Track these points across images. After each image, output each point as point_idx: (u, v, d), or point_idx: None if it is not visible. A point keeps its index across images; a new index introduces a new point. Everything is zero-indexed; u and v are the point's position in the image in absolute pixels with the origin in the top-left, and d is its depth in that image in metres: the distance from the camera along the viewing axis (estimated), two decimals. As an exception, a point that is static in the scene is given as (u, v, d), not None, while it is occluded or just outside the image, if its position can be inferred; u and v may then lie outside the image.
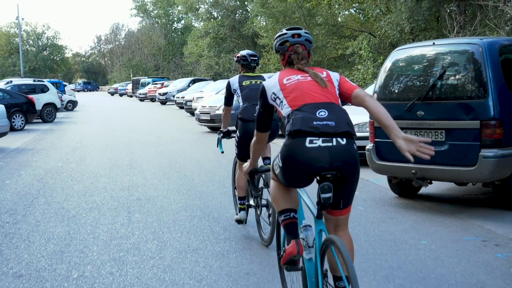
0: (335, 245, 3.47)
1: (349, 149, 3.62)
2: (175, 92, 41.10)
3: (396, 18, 28.69)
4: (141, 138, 18.51)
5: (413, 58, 8.27)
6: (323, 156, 3.55)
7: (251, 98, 6.73)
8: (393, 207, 8.12)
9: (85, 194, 9.38)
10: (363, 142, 11.35)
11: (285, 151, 3.69)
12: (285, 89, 3.87)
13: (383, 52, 32.20)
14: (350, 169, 3.63)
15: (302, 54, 4.04)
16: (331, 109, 3.70)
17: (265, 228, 6.49)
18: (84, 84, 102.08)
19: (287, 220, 3.89)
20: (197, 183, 10.24)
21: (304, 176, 3.66)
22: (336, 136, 3.59)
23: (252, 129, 6.25)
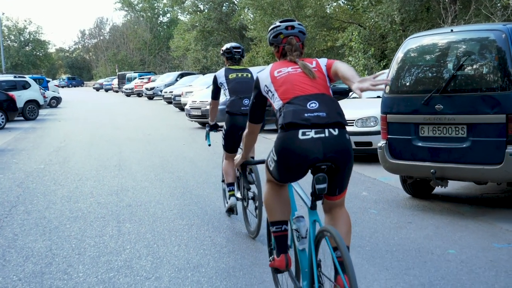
0: (330, 234, 3.45)
1: (342, 139, 3.63)
2: (162, 86, 40.27)
3: (387, 9, 28.12)
4: (129, 136, 17.71)
5: (429, 47, 7.55)
6: (317, 147, 3.57)
7: (238, 91, 6.84)
8: (409, 209, 7.42)
9: (69, 200, 8.60)
10: (367, 137, 10.75)
11: (279, 144, 3.70)
12: (276, 82, 3.89)
13: (373, 44, 31.68)
14: (344, 159, 3.64)
15: (295, 45, 4.04)
16: (322, 100, 3.70)
17: (252, 220, 6.50)
18: (69, 79, 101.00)
19: (278, 232, 3.98)
20: (192, 185, 9.48)
21: (299, 168, 3.67)
22: (328, 127, 3.61)
23: (239, 122, 6.66)
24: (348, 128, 10.89)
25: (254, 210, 6.34)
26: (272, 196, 4.00)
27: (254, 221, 6.35)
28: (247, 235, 6.46)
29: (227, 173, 6.86)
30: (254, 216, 6.35)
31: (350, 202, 7.82)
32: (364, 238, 6.20)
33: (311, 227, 3.75)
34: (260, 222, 6.14)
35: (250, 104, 4.18)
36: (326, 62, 3.93)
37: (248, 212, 6.61)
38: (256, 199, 6.26)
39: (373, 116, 10.86)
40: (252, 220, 6.49)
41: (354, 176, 9.63)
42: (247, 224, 6.57)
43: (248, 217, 6.60)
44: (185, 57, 61.16)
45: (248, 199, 6.55)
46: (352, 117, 11.06)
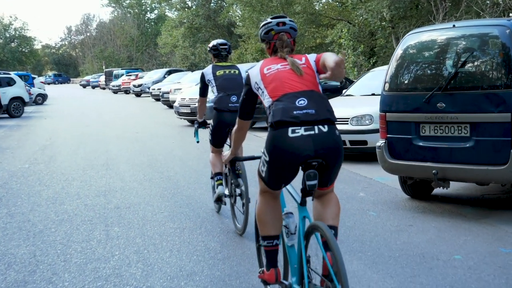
0: (320, 230, 3.46)
1: (332, 136, 3.63)
2: (150, 83, 39.85)
3: (376, 5, 27.90)
4: (116, 134, 17.36)
5: (429, 43, 7.27)
6: (307, 144, 3.57)
7: (225, 88, 6.86)
8: (409, 211, 7.14)
9: (55, 202, 8.26)
10: (362, 136, 10.48)
11: (269, 143, 3.69)
12: (265, 79, 3.88)
13: (362, 41, 31.49)
14: (334, 155, 3.66)
15: (286, 42, 4.02)
16: (311, 97, 3.69)
17: (239, 217, 6.47)
18: (55, 76, 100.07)
19: (270, 247, 3.97)
20: (182, 185, 9.17)
21: (291, 166, 3.66)
22: (318, 124, 3.61)
23: (226, 118, 6.70)
24: (343, 126, 10.73)
25: (242, 206, 6.34)
26: (265, 210, 3.97)
27: (242, 217, 6.31)
28: (243, 239, 6.16)
29: (214, 164, 6.96)
30: (241, 212, 6.34)
31: (347, 204, 7.56)
32: (365, 242, 5.92)
33: (300, 223, 3.78)
34: (247, 219, 6.14)
35: (241, 100, 4.16)
36: (315, 57, 3.92)
37: (235, 209, 6.59)
38: (243, 195, 6.26)
39: (368, 114, 10.59)
40: (240, 217, 6.45)
41: (350, 176, 9.38)
42: (234, 220, 6.57)
43: (235, 214, 6.59)
44: (173, 54, 60.81)
45: (235, 196, 6.54)
46: (347, 115, 10.78)
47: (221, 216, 7.16)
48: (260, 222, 4.01)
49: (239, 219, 6.46)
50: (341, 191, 8.30)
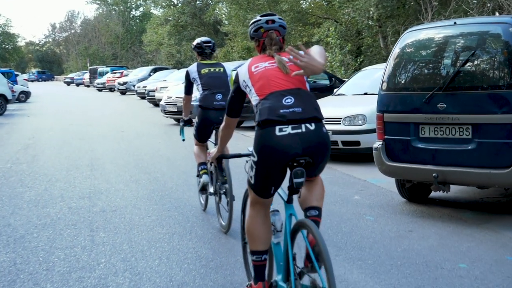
0: (307, 228, 3.50)
1: (319, 134, 3.64)
2: (135, 81, 39.36)
3: (364, 4, 27.69)
4: (101, 133, 16.98)
5: (429, 40, 7.00)
6: (295, 142, 3.56)
7: (210, 86, 6.85)
8: (407, 216, 6.88)
9: (37, 204, 7.91)
10: (355, 136, 10.22)
11: (257, 143, 3.67)
12: (253, 77, 3.86)
13: (349, 40, 31.30)
14: (322, 153, 3.68)
15: (275, 39, 4.00)
16: (297, 95, 3.68)
17: (224, 215, 6.45)
18: (39, 73, 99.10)
19: (258, 262, 3.93)
20: (170, 187, 8.85)
21: (279, 165, 3.64)
22: (305, 122, 3.60)
23: (211, 116, 6.73)
24: (335, 126, 10.45)
25: (226, 204, 6.30)
26: (255, 225, 3.92)
27: (226, 215, 6.29)
28: (235, 246, 5.85)
29: (198, 155, 7.01)
30: (226, 210, 6.31)
31: (342, 207, 7.29)
32: (364, 249, 5.64)
33: (287, 220, 3.78)
34: (231, 217, 6.15)
35: (229, 98, 4.14)
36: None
37: (220, 207, 6.59)
38: (228, 193, 6.24)
39: (361, 114, 10.31)
40: (224, 214, 6.42)
41: (343, 178, 9.12)
42: (219, 218, 6.56)
43: (220, 211, 6.59)
44: (158, 51, 60.42)
45: (220, 194, 6.55)
46: (339, 115, 10.51)
47: (211, 220, 6.86)
48: (249, 237, 3.95)
49: (224, 217, 6.44)
50: (335, 194, 8.04)
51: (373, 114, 10.09)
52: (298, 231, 3.65)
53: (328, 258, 3.26)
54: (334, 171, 9.90)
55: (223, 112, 6.33)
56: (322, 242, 3.33)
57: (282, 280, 3.82)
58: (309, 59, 3.46)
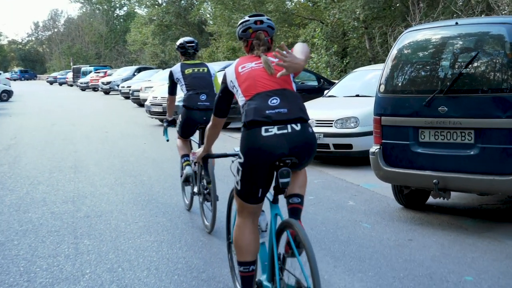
0: (292, 228, 3.53)
1: (305, 134, 3.66)
2: (119, 81, 38.90)
3: (351, 5, 27.52)
4: (85, 133, 16.60)
5: (430, 41, 6.74)
6: (281, 143, 3.59)
7: (195, 86, 6.86)
8: (405, 223, 6.61)
9: (19, 209, 7.57)
10: (347, 139, 9.96)
11: (244, 144, 3.68)
12: (240, 77, 3.87)
13: (335, 41, 31.12)
14: (308, 153, 3.71)
15: (264, 40, 3.99)
16: (283, 96, 3.70)
17: (208, 215, 6.45)
18: (21, 72, 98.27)
19: (246, 273, 3.90)
20: (157, 191, 8.53)
21: (265, 166, 3.64)
22: (291, 123, 3.63)
23: (194, 116, 6.77)
24: (327, 129, 10.18)
25: (210, 204, 6.31)
26: (243, 235, 3.89)
27: (210, 215, 6.29)
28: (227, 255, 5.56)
29: (181, 148, 7.09)
30: (210, 210, 6.32)
31: (337, 214, 7.02)
32: (364, 260, 5.36)
33: (272, 220, 3.80)
34: (215, 217, 6.17)
35: (217, 98, 4.14)
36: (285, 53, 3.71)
37: (204, 207, 6.57)
38: (211, 194, 6.24)
39: (353, 117, 10.04)
40: (208, 214, 6.42)
41: (336, 183, 8.85)
42: (203, 218, 6.57)
43: (204, 211, 6.58)
44: (142, 51, 59.95)
45: (204, 194, 6.51)
46: (331, 118, 10.23)
47: (201, 227, 6.55)
48: (237, 247, 3.92)
49: (208, 217, 6.44)
50: (328, 199, 7.77)
51: (365, 116, 9.94)
52: (283, 231, 3.67)
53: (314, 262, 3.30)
54: (326, 175, 9.63)
55: (207, 112, 6.64)
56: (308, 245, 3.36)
57: (266, 280, 3.87)
58: (291, 58, 3.49)
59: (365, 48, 31.34)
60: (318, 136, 10.08)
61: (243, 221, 3.90)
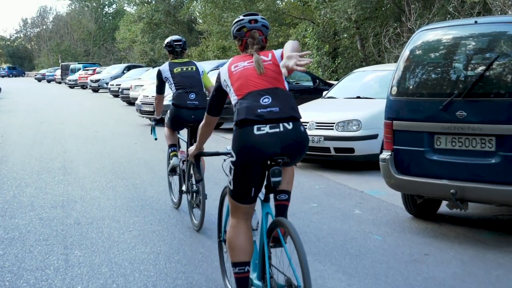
0: (283, 227, 3.56)
1: (296, 133, 3.67)
2: (108, 79, 38.33)
3: (343, 5, 27.17)
4: (74, 132, 16.10)
5: (446, 41, 6.32)
6: (274, 142, 3.60)
7: (184, 85, 6.87)
8: (418, 235, 6.20)
9: (5, 214, 7.11)
10: (349, 143, 9.58)
11: (236, 143, 3.69)
12: (232, 76, 3.89)
13: (326, 41, 30.80)
14: (299, 152, 3.73)
15: (258, 39, 4.00)
16: (275, 95, 3.72)
17: (196, 213, 6.48)
18: (9, 69, 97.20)
19: (241, 274, 3.87)
20: (151, 196, 8.09)
21: (257, 164, 3.67)
22: (282, 122, 3.64)
23: (183, 115, 6.80)
24: (327, 132, 9.75)
25: (198, 203, 6.34)
26: (237, 235, 3.89)
27: (198, 213, 6.32)
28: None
29: (168, 137, 7.14)
30: (198, 209, 6.35)
31: (344, 224, 6.61)
32: (379, 277, 4.94)
33: (263, 219, 3.82)
34: (204, 215, 6.19)
35: (210, 96, 4.16)
36: (281, 52, 3.80)
37: (193, 205, 6.57)
38: (200, 192, 6.28)
39: (355, 119, 9.62)
40: (196, 213, 6.46)
41: (339, 189, 8.45)
42: (191, 216, 6.57)
43: (193, 210, 6.59)
44: (131, 49, 59.47)
45: (192, 192, 6.51)
46: (331, 120, 9.81)
47: (200, 237, 6.12)
48: (231, 249, 3.90)
49: (196, 215, 6.47)
50: (332, 207, 7.37)
51: (368, 119, 9.55)
52: (274, 229, 3.70)
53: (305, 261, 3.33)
54: (327, 180, 9.22)
55: (196, 111, 6.74)
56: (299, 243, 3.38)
57: (257, 278, 3.89)
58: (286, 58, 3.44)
59: (357, 49, 31.07)
60: (318, 139, 9.68)
61: (237, 222, 3.90)
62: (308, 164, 10.65)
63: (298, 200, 7.73)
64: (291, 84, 17.07)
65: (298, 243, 3.38)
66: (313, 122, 9.89)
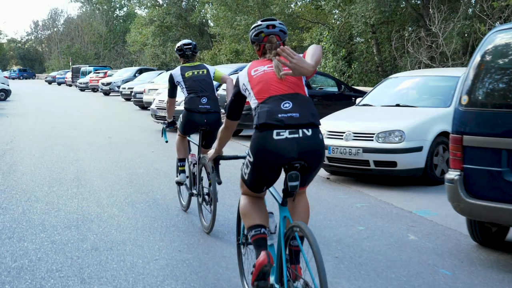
0: (301, 230, 3.56)
1: (315, 140, 3.72)
2: (120, 82, 37.68)
3: (361, 8, 26.41)
4: (87, 139, 15.28)
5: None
6: (292, 147, 3.64)
7: (196, 90, 6.94)
8: (492, 270, 5.29)
9: (12, 236, 6.27)
10: (391, 156, 8.71)
11: (255, 145, 3.75)
12: (252, 81, 3.91)
13: (341, 45, 30.06)
14: (316, 159, 3.76)
15: (276, 44, 4.03)
16: (296, 100, 3.75)
17: (206, 216, 6.57)
18: (20, 71, 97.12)
19: (258, 235, 3.91)
20: (175, 214, 7.24)
21: (274, 168, 3.75)
22: (302, 128, 3.68)
23: (196, 119, 6.86)
24: (366, 143, 8.81)
25: (209, 206, 6.43)
26: (249, 205, 4.04)
27: (209, 216, 6.42)
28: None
29: (179, 149, 7.24)
30: (209, 211, 6.44)
31: (402, 253, 5.73)
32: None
33: (281, 223, 3.86)
34: (214, 218, 6.24)
35: (229, 101, 4.18)
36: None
37: (203, 208, 6.68)
38: (210, 194, 6.37)
39: (398, 130, 8.71)
40: (207, 215, 6.57)
41: (384, 208, 7.60)
42: (201, 219, 6.65)
43: (203, 213, 6.67)
44: (142, 52, 58.87)
45: (203, 195, 6.63)
46: (371, 130, 8.92)
47: (236, 267, 5.25)
48: (244, 216, 4.02)
49: (206, 218, 6.56)
50: (382, 231, 6.50)
51: (411, 130, 8.68)
52: (292, 233, 3.70)
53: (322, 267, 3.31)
54: (368, 197, 8.34)
55: (208, 115, 6.84)
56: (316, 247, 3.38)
57: (275, 281, 3.89)
58: (298, 60, 3.46)
59: (373, 53, 30.33)
60: (356, 151, 8.82)
61: (248, 197, 4.07)
62: (341, 178, 9.78)
63: (341, 221, 6.89)
64: (314, 89, 16.24)
65: (315, 247, 3.38)
66: (350, 132, 9.02)
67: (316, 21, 34.43)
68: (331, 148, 9.11)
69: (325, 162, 9.35)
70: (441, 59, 22.61)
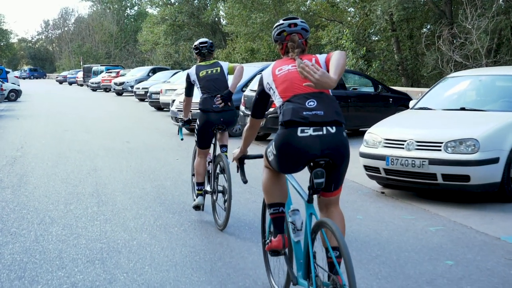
0: (327, 226, 3.59)
1: (339, 137, 3.74)
2: (133, 82, 36.54)
3: (383, 5, 25.30)
4: (103, 144, 14.12)
5: None
6: (315, 144, 3.68)
7: (209, 89, 6.94)
8: None
9: (23, 275, 5.05)
10: (463, 169, 7.43)
11: (278, 140, 3.82)
12: (277, 80, 3.98)
13: (361, 43, 29.00)
14: (340, 156, 3.76)
15: (298, 42, 4.07)
16: (320, 99, 3.79)
17: (220, 213, 6.61)
18: (30, 71, 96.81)
19: (276, 214, 4.09)
20: (218, 242, 6.02)
21: (297, 163, 3.79)
22: (326, 125, 3.71)
23: (212, 118, 6.86)
24: (433, 153, 7.39)
25: (223, 203, 6.49)
26: (271, 180, 4.12)
27: (223, 214, 6.49)
28: None
29: (198, 172, 7.01)
30: (223, 209, 6.50)
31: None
32: None
33: (307, 219, 3.91)
34: (228, 216, 6.31)
35: (253, 100, 4.25)
36: (325, 58, 3.93)
37: (217, 205, 6.72)
38: (225, 192, 6.44)
39: (471, 138, 7.43)
40: (221, 212, 6.61)
41: (464, 233, 6.37)
42: (215, 216, 6.71)
43: (217, 210, 6.71)
44: (153, 51, 57.99)
45: (217, 192, 6.73)
46: (438, 139, 7.64)
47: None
48: (266, 191, 4.15)
49: (220, 215, 6.60)
50: (479, 269, 5.26)
51: (487, 138, 7.44)
52: (318, 230, 3.71)
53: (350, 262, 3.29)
54: (439, 218, 7.06)
55: (223, 113, 6.88)
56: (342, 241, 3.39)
57: (302, 277, 3.92)
58: (320, 76, 3.39)
59: (393, 51, 29.24)
60: (421, 162, 7.57)
61: (271, 171, 4.11)
62: (396, 192, 8.51)
63: (422, 253, 5.66)
64: (348, 89, 15.01)
65: (342, 243, 3.35)
66: (412, 141, 7.77)
67: (332, 19, 33.32)
68: (390, 159, 7.88)
69: (382, 174, 8.13)
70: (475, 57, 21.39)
